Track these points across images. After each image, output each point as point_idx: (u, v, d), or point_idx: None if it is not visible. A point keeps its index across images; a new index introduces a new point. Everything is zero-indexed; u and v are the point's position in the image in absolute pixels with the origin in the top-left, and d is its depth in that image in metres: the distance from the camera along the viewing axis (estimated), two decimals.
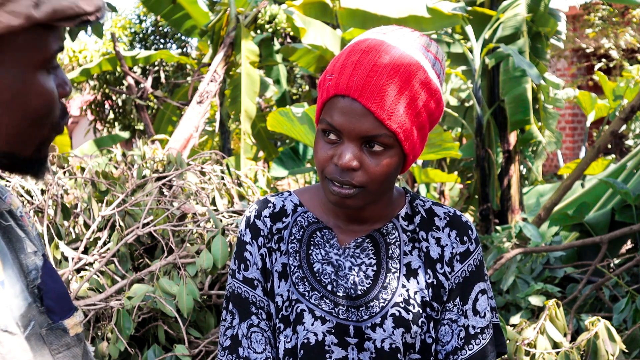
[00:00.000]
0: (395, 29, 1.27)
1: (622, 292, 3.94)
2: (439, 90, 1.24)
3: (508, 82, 6.04)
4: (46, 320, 0.92)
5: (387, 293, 1.29)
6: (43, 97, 0.86)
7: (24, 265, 0.93)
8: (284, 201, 1.37)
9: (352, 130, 1.19)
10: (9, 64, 0.82)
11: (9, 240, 0.93)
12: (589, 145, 9.84)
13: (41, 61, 0.85)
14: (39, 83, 0.85)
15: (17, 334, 0.79)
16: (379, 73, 1.18)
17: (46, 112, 0.87)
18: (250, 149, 6.41)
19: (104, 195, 3.10)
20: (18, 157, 0.88)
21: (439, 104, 1.25)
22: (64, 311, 0.95)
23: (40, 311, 0.92)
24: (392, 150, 1.21)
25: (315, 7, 6.11)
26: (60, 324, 0.93)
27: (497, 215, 6.36)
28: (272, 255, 1.33)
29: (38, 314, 0.91)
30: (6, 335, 0.77)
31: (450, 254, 1.32)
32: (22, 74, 0.83)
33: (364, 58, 1.20)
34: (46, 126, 0.88)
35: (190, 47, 10.85)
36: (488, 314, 1.34)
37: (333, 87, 1.21)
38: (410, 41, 1.24)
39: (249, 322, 1.31)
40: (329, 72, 1.24)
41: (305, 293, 1.29)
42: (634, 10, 8.49)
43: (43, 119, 0.87)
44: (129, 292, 2.44)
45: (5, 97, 0.83)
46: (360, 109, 1.18)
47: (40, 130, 0.88)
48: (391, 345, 1.26)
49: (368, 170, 1.21)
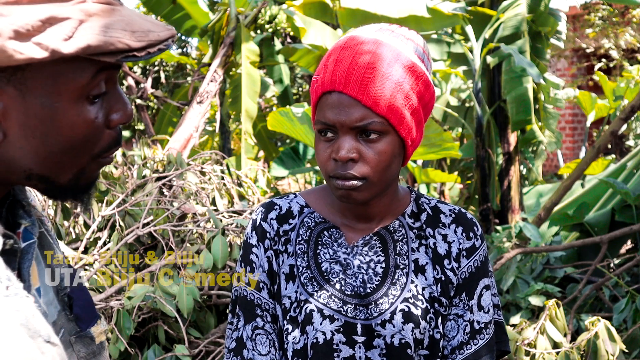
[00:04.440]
0: (372, 25, 1.31)
1: (622, 292, 3.94)
2: (425, 73, 1.26)
3: (509, 82, 6.03)
4: (74, 328, 0.93)
5: (396, 289, 1.30)
6: (77, 127, 0.83)
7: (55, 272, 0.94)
8: (290, 203, 1.38)
9: (344, 122, 1.21)
10: (38, 91, 0.80)
11: (42, 247, 0.93)
12: (589, 145, 9.84)
13: (77, 91, 0.82)
14: (74, 113, 0.82)
15: (57, 344, 0.78)
16: (359, 63, 1.21)
17: (82, 142, 0.84)
18: (251, 149, 6.41)
19: (104, 195, 3.10)
20: (53, 182, 0.86)
21: (428, 86, 1.26)
22: (90, 319, 0.96)
23: (69, 319, 0.93)
24: (388, 136, 1.23)
25: (316, 7, 6.11)
26: (87, 332, 0.94)
27: (497, 215, 6.36)
28: (279, 258, 1.34)
29: (67, 321, 0.93)
30: (49, 346, 0.76)
31: (457, 250, 1.34)
32: (51, 102, 0.81)
33: (344, 52, 1.23)
34: (83, 155, 0.86)
35: (190, 47, 10.85)
36: (492, 309, 1.35)
37: (320, 86, 1.25)
38: (388, 32, 1.27)
39: (253, 324, 1.31)
40: (315, 75, 1.28)
41: (314, 293, 1.30)
42: (634, 10, 8.49)
43: (78, 148, 0.84)
44: (129, 292, 2.44)
45: (33, 123, 0.81)
46: (347, 100, 1.21)
47: (76, 159, 0.85)
48: (401, 340, 1.27)
49: (367, 159, 1.22)
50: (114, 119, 0.86)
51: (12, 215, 0.89)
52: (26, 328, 0.74)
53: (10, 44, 0.75)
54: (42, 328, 0.77)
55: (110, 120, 0.86)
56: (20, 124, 0.81)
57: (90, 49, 0.78)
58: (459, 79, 7.71)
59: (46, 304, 0.89)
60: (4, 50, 0.75)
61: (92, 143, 0.85)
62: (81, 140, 0.84)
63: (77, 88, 0.82)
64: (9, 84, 0.79)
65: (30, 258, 0.86)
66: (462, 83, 7.78)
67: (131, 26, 0.81)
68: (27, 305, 0.77)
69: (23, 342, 0.73)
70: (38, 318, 0.77)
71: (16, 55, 0.76)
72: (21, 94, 0.80)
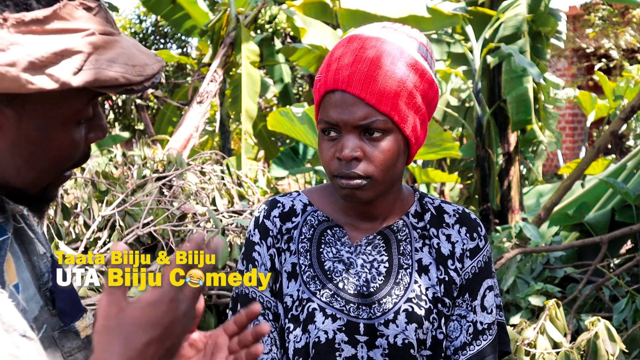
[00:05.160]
0: (374, 24, 1.31)
1: (622, 292, 3.94)
2: (428, 71, 1.26)
3: (509, 82, 6.04)
4: (58, 323, 0.93)
5: (400, 289, 1.29)
6: (65, 148, 0.86)
7: (36, 267, 0.94)
8: (293, 201, 1.37)
9: (347, 121, 1.21)
10: (35, 115, 0.83)
11: (21, 243, 0.94)
12: (589, 145, 9.84)
13: (71, 116, 0.85)
14: (63, 135, 0.85)
15: (34, 338, 0.79)
16: (362, 61, 1.21)
17: (64, 161, 0.87)
18: (251, 149, 6.41)
19: (104, 195, 3.10)
20: (24, 193, 0.88)
21: (432, 84, 1.26)
22: (74, 313, 0.96)
23: (52, 314, 0.93)
24: (391, 134, 1.23)
25: (315, 7, 6.11)
26: (72, 327, 0.95)
27: (497, 216, 6.36)
28: (282, 256, 1.33)
29: (50, 316, 0.93)
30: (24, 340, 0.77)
31: (461, 250, 1.33)
32: (45, 126, 0.84)
33: (347, 51, 1.23)
34: (58, 171, 0.89)
35: (190, 47, 10.85)
36: (494, 310, 1.35)
37: (323, 85, 1.24)
38: (391, 30, 1.27)
39: (255, 322, 1.30)
40: (317, 73, 1.27)
41: (316, 292, 1.29)
42: (634, 10, 8.49)
43: (58, 166, 0.87)
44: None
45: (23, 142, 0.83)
46: (350, 99, 1.21)
47: (52, 174, 0.88)
48: (404, 340, 1.27)
49: (371, 158, 1.22)
50: (91, 137, 0.90)
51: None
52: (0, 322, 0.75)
53: (24, 75, 0.78)
54: (17, 322, 0.77)
55: (87, 138, 0.89)
56: (10, 143, 0.83)
57: (96, 82, 0.82)
58: (459, 79, 7.71)
59: (26, 300, 0.89)
60: (17, 79, 0.77)
61: (70, 160, 0.89)
62: (64, 159, 0.87)
63: (72, 114, 0.85)
64: (8, 106, 0.81)
65: (3, 254, 0.87)
66: (462, 83, 7.78)
67: (132, 60, 0.84)
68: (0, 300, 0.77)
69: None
70: (12, 312, 0.78)
71: (28, 86, 0.78)
72: (18, 116, 0.82)
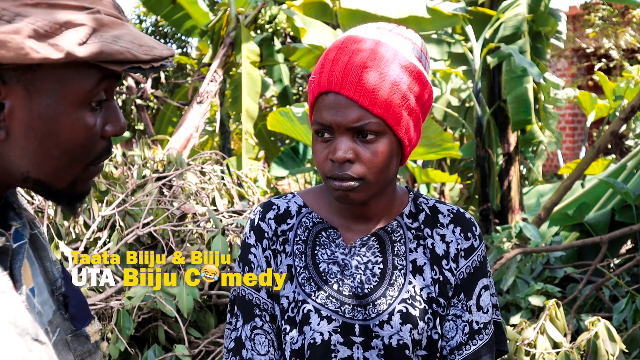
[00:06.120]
0: (369, 24, 1.30)
1: (622, 292, 3.94)
2: (423, 73, 1.25)
3: (510, 82, 6.04)
4: (70, 327, 0.95)
5: (394, 290, 1.30)
6: (76, 131, 0.86)
7: (49, 273, 0.96)
8: (288, 203, 1.37)
9: (341, 123, 1.21)
10: (45, 93, 0.83)
11: (35, 249, 0.95)
12: (589, 145, 9.84)
13: (81, 96, 0.85)
14: (75, 117, 0.85)
15: (46, 342, 0.80)
16: (356, 63, 1.20)
17: (79, 148, 0.87)
18: (252, 149, 6.41)
19: (104, 195, 3.10)
20: (49, 187, 0.89)
21: (426, 86, 1.26)
22: (84, 318, 0.98)
23: (64, 318, 0.95)
24: (385, 137, 1.23)
25: (315, 7, 6.11)
26: (83, 331, 0.96)
27: (497, 216, 6.37)
28: (277, 257, 1.33)
29: (62, 320, 0.94)
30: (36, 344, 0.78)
31: (455, 250, 1.33)
32: (56, 105, 0.84)
33: (341, 53, 1.23)
34: (80, 163, 0.89)
35: (190, 47, 10.84)
36: (490, 309, 1.35)
37: (316, 87, 1.24)
38: (386, 31, 1.26)
39: (252, 324, 1.31)
40: (312, 75, 1.27)
41: (311, 293, 1.30)
42: (634, 10, 8.49)
43: (75, 154, 0.87)
44: (129, 292, 2.44)
45: (36, 124, 0.84)
46: (344, 101, 1.21)
47: (73, 166, 0.88)
48: (399, 341, 1.27)
49: (364, 160, 1.22)
50: (108, 130, 0.90)
51: (3, 217, 0.91)
52: (14, 325, 0.76)
53: (28, 42, 0.78)
54: (30, 326, 0.78)
55: (104, 130, 0.90)
56: (23, 125, 0.83)
57: (101, 55, 0.82)
58: (459, 79, 7.71)
59: (41, 304, 0.91)
60: (22, 47, 0.78)
61: (88, 150, 0.88)
62: (78, 146, 0.87)
63: (82, 93, 0.85)
64: (18, 83, 0.82)
65: (21, 258, 0.87)
66: (462, 83, 7.78)
67: (138, 40, 0.85)
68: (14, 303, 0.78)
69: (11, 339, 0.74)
70: (26, 316, 0.78)
71: (32, 54, 0.79)
72: (28, 94, 0.82)
